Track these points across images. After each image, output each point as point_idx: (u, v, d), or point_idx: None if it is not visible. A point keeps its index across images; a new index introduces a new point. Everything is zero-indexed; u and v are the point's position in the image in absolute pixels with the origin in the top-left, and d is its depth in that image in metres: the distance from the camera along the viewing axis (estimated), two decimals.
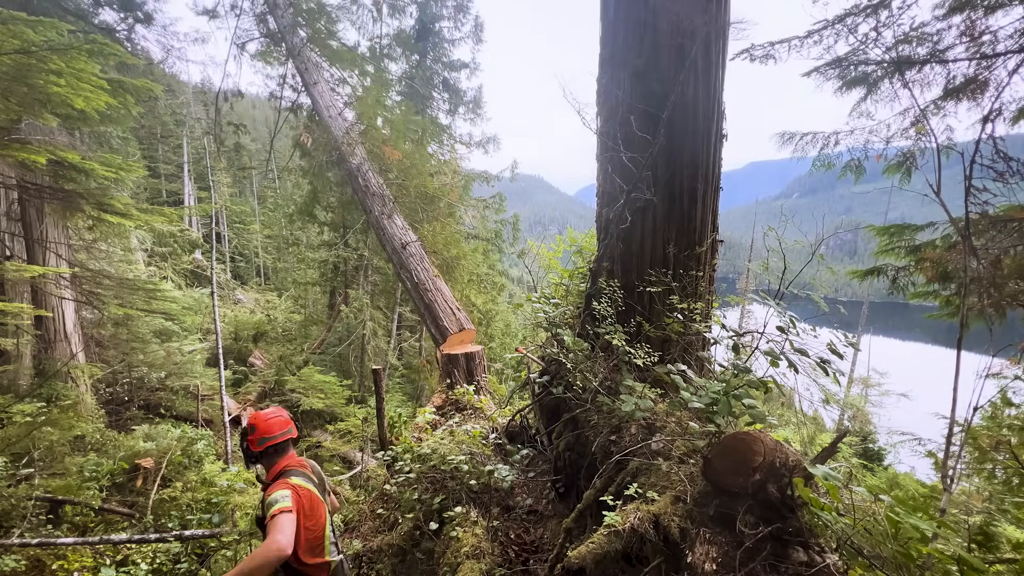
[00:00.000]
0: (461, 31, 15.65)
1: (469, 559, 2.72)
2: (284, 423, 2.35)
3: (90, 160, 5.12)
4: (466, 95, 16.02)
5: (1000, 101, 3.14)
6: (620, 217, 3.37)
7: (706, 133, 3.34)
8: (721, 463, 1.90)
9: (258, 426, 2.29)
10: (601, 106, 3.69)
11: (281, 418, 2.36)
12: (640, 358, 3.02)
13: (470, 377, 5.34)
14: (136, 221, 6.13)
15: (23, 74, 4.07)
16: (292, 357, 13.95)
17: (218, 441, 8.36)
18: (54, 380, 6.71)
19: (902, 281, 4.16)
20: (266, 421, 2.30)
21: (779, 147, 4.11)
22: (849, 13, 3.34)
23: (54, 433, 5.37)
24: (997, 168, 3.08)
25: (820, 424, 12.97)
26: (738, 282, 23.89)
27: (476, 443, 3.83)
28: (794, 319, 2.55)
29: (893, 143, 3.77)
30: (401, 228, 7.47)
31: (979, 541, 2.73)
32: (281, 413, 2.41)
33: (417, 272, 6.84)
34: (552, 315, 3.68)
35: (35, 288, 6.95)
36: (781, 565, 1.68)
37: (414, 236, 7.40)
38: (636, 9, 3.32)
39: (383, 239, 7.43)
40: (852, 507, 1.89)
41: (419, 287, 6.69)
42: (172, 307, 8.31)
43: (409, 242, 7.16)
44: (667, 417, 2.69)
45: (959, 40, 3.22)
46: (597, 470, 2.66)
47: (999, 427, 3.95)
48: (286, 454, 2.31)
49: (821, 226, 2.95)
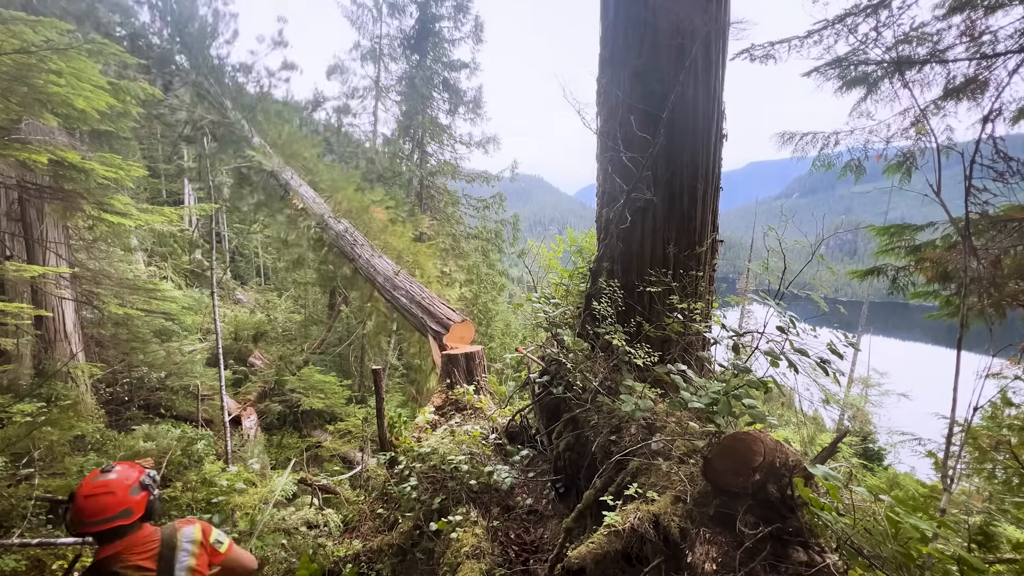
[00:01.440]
0: (461, 31, 15.66)
1: (469, 559, 2.72)
2: (109, 502, 1.71)
3: (90, 160, 5.12)
4: (466, 95, 16.03)
5: (1000, 101, 3.14)
6: (620, 217, 3.37)
7: (706, 133, 3.34)
8: (721, 463, 1.90)
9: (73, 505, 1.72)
10: (601, 106, 3.69)
11: (110, 494, 1.72)
12: (640, 358, 3.02)
13: (470, 377, 5.34)
14: (136, 221, 6.13)
15: (23, 74, 4.07)
16: (292, 357, 13.94)
17: (218, 441, 8.36)
18: (54, 380, 6.71)
19: (902, 281, 4.16)
20: (83, 499, 1.70)
21: (779, 147, 4.11)
22: (849, 13, 3.34)
23: (54, 433, 5.36)
24: (997, 168, 3.08)
25: (820, 424, 12.97)
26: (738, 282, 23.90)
27: (476, 443, 3.83)
28: (794, 319, 2.55)
29: (893, 143, 3.77)
30: (388, 263, 8.48)
31: (979, 541, 2.73)
32: (115, 482, 1.76)
33: (410, 286, 7.61)
34: (552, 315, 3.68)
35: (35, 288, 6.94)
36: (781, 565, 1.68)
37: (398, 267, 8.40)
38: (636, 9, 3.32)
39: (373, 274, 8.24)
40: (852, 507, 1.89)
41: (414, 297, 7.26)
42: (172, 307, 8.31)
43: (399, 271, 8.06)
44: (667, 417, 2.69)
45: (959, 40, 3.22)
46: (597, 470, 2.66)
47: (999, 427, 3.95)
48: (110, 543, 1.74)
49: (821, 226, 2.95)
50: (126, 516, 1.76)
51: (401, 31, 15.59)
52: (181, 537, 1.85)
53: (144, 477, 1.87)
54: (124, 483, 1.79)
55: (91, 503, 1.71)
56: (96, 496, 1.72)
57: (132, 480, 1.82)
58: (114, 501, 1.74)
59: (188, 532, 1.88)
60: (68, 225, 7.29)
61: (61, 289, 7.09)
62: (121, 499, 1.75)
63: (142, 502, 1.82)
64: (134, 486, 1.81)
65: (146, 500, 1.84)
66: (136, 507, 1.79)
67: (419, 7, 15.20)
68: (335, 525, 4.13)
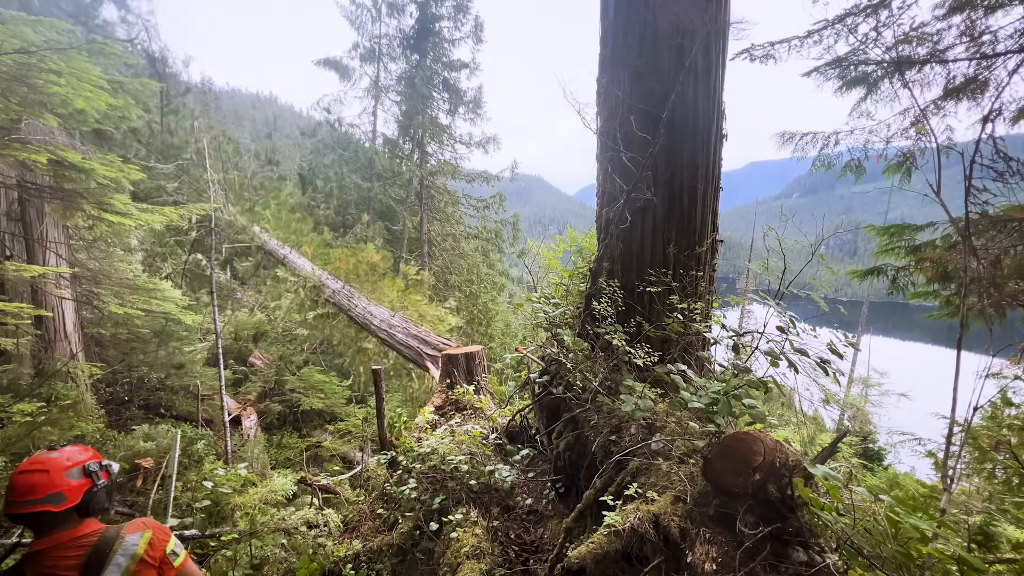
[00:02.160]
0: (461, 31, 15.68)
1: (469, 559, 2.71)
2: (39, 481, 1.50)
3: (90, 160, 5.12)
4: (466, 95, 16.04)
5: (1000, 101, 3.15)
6: (620, 217, 3.37)
7: (706, 133, 3.34)
8: (721, 463, 1.90)
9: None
10: (601, 106, 3.69)
11: (42, 473, 1.51)
12: (640, 358, 3.02)
13: (470, 377, 5.34)
14: (136, 221, 6.13)
15: (23, 74, 4.07)
16: (292, 357, 13.93)
17: (218, 441, 8.36)
18: (54, 380, 6.71)
19: (902, 281, 4.16)
20: (16, 475, 1.51)
21: (779, 147, 4.11)
22: (849, 13, 3.34)
23: (54, 433, 5.37)
24: (997, 168, 3.08)
25: (820, 424, 12.96)
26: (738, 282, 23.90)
27: (476, 443, 3.83)
28: (794, 319, 2.55)
29: (893, 143, 3.78)
30: (382, 310, 9.01)
31: (979, 541, 2.73)
32: (53, 460, 1.55)
33: (407, 328, 8.01)
34: (552, 315, 3.68)
35: (35, 288, 6.94)
36: (781, 565, 1.68)
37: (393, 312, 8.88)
38: (636, 9, 3.32)
39: (370, 321, 8.72)
40: (852, 507, 1.89)
41: (409, 331, 7.74)
42: (172, 307, 8.31)
43: (395, 314, 8.61)
44: (667, 417, 2.69)
45: (959, 40, 3.22)
46: (597, 470, 2.66)
47: (999, 427, 3.95)
48: (44, 535, 1.51)
49: (821, 226, 2.95)
50: (55, 502, 1.50)
51: (401, 31, 15.60)
52: (119, 546, 1.53)
53: (91, 463, 1.62)
54: (62, 464, 1.55)
55: (22, 480, 1.49)
56: (29, 474, 1.50)
57: (72, 463, 1.58)
58: (45, 481, 1.50)
59: (130, 541, 1.55)
60: (68, 225, 7.29)
61: (61, 289, 7.09)
62: (53, 480, 1.51)
63: (79, 489, 1.55)
64: (73, 469, 1.56)
65: (85, 489, 1.57)
66: (70, 493, 1.53)
67: (419, 7, 15.21)
68: (335, 525, 4.13)
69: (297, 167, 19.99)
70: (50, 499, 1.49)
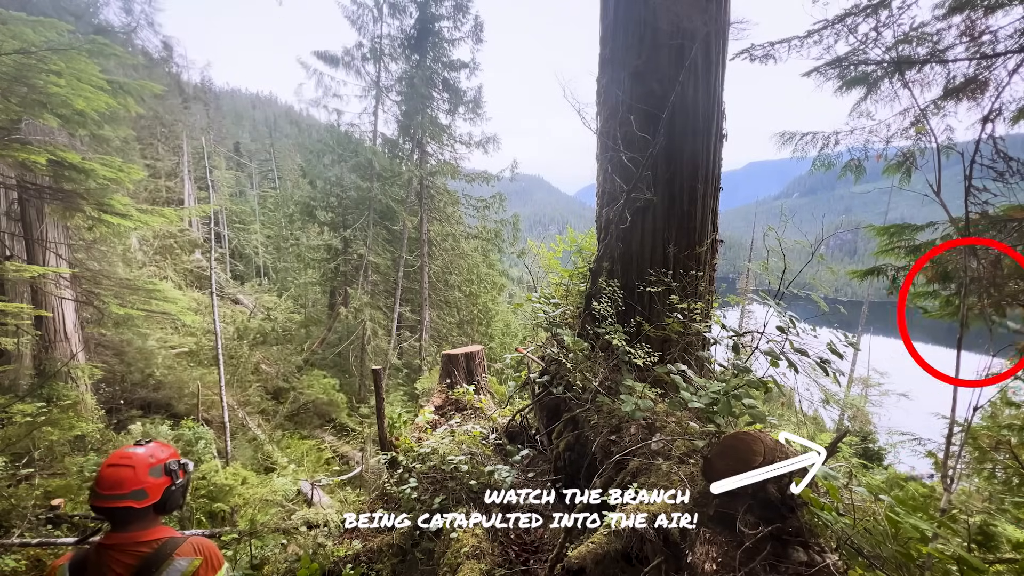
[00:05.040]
0: (461, 31, 15.65)
1: (469, 559, 2.72)
2: (126, 476, 1.52)
3: (90, 160, 5.12)
4: (466, 95, 16.02)
5: (1000, 101, 3.14)
6: (620, 217, 3.37)
7: (706, 133, 3.34)
8: (721, 463, 1.90)
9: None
10: (601, 106, 3.69)
11: (129, 468, 1.54)
12: (640, 358, 3.02)
13: (470, 377, 5.34)
14: (136, 222, 6.13)
15: (23, 74, 4.07)
16: (292, 357, 13.95)
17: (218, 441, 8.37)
18: (54, 380, 6.71)
19: (902, 281, 4.15)
20: (106, 468, 1.54)
21: (779, 147, 4.11)
22: (849, 13, 3.33)
23: (54, 433, 5.37)
24: (997, 168, 3.07)
25: (820, 424, 12.96)
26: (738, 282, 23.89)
27: (476, 443, 3.83)
28: (794, 319, 2.55)
29: (893, 143, 3.77)
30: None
31: (979, 541, 2.73)
32: (139, 456, 1.58)
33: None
34: (552, 315, 3.68)
35: (35, 288, 6.95)
36: (781, 565, 1.68)
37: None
38: (636, 9, 3.32)
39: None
40: (852, 507, 1.89)
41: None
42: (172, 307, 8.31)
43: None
44: (667, 417, 2.69)
45: (959, 40, 3.22)
46: (597, 470, 2.66)
47: (999, 427, 3.95)
48: (120, 530, 1.53)
49: (821, 226, 2.95)
50: (138, 498, 1.52)
51: (401, 31, 15.58)
52: (166, 567, 1.50)
53: (171, 461, 1.64)
54: (147, 461, 1.58)
55: (110, 474, 1.51)
56: (117, 467, 1.53)
57: (157, 460, 1.60)
58: (131, 477, 1.53)
59: (178, 565, 1.51)
60: (68, 225, 7.29)
61: (61, 289, 7.09)
62: (138, 476, 1.54)
63: (160, 487, 1.58)
64: (156, 466, 1.59)
65: (165, 487, 1.60)
66: (152, 491, 1.56)
67: (419, 7, 15.18)
68: (335, 525, 4.13)
69: (297, 167, 19.97)
70: (134, 495, 1.52)
